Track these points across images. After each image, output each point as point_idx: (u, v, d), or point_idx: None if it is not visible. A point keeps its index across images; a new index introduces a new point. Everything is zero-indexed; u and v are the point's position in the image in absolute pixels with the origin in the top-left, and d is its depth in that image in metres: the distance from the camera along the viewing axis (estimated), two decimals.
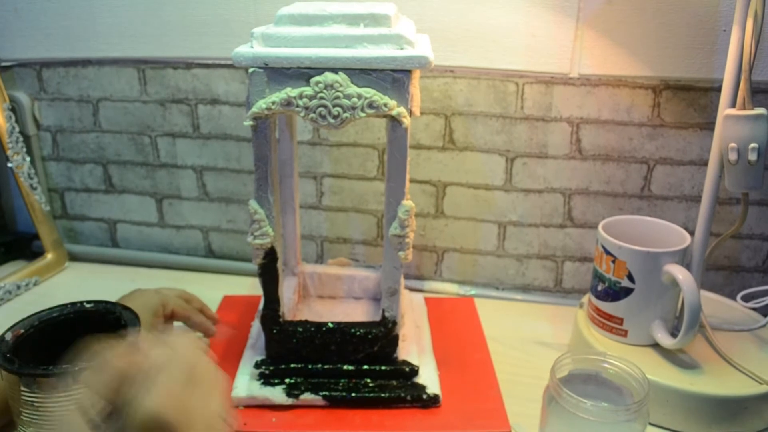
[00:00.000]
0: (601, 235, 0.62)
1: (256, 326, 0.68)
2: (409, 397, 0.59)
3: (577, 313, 0.69)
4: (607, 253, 0.61)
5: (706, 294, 0.67)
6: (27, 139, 0.86)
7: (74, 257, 0.91)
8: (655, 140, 0.73)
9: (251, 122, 0.52)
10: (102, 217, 0.91)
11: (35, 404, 0.47)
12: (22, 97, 0.85)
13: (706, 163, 0.64)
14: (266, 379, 0.60)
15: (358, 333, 0.59)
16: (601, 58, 0.70)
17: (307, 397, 0.59)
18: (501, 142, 0.76)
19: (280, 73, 0.51)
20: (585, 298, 0.69)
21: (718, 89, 0.59)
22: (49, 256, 0.87)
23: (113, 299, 0.57)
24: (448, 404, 0.60)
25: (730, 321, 0.65)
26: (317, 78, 0.50)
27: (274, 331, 0.60)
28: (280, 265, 0.58)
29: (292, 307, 0.66)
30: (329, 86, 0.50)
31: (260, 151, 0.54)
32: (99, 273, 0.88)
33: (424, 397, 0.59)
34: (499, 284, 0.83)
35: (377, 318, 0.60)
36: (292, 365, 0.60)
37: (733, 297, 0.66)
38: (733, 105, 0.55)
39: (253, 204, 0.55)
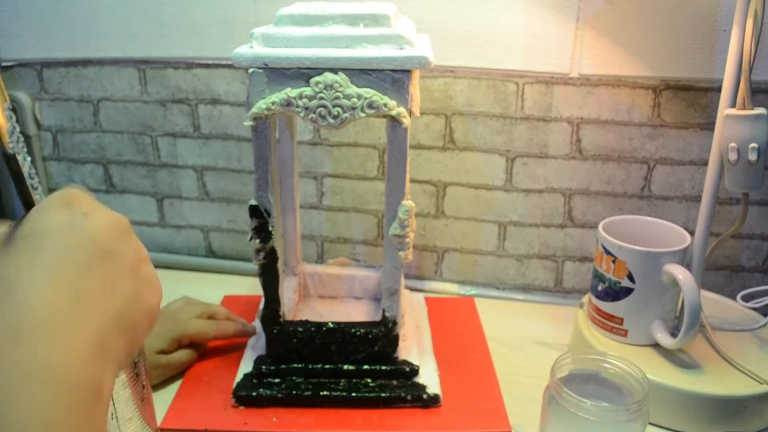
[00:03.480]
0: (601, 235, 0.62)
1: (256, 326, 0.68)
2: (409, 397, 0.59)
3: (577, 313, 0.69)
4: (608, 253, 0.61)
5: (706, 294, 0.67)
6: (28, 139, 0.86)
7: None
8: (655, 140, 0.73)
9: (251, 122, 0.52)
10: None
11: None
12: (22, 97, 0.85)
13: (706, 163, 0.64)
14: (267, 379, 0.60)
15: (358, 333, 0.59)
16: (601, 58, 0.70)
17: (307, 396, 0.59)
18: (501, 142, 0.76)
19: (279, 73, 0.51)
20: (585, 298, 0.69)
21: (718, 89, 0.59)
22: None
23: None
24: (449, 404, 0.60)
25: (730, 321, 0.65)
26: (317, 78, 0.50)
27: (275, 331, 0.60)
28: (280, 265, 0.58)
29: (293, 307, 0.67)
30: (329, 86, 0.50)
31: (260, 152, 0.54)
32: None
33: (425, 396, 0.59)
34: (499, 284, 0.83)
35: (378, 318, 0.60)
36: (292, 365, 0.60)
37: (733, 297, 0.66)
38: (733, 105, 0.55)
39: (254, 204, 0.55)
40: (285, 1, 0.57)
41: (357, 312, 0.69)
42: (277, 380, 0.60)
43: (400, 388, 0.60)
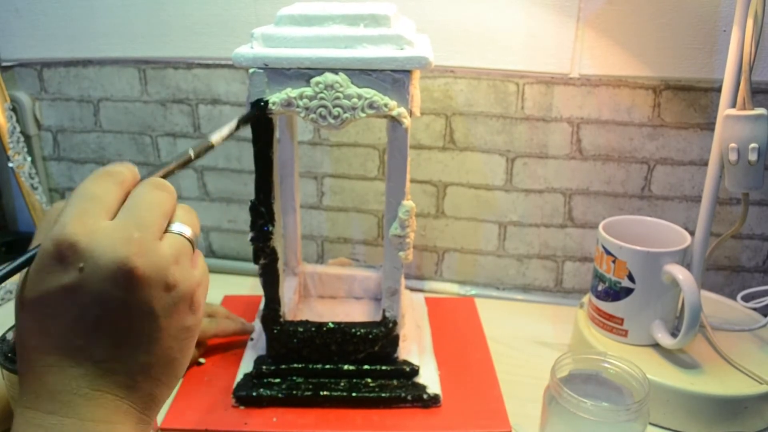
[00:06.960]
0: (601, 235, 0.62)
1: (256, 326, 0.68)
2: (409, 397, 0.59)
3: (577, 313, 0.69)
4: (608, 253, 0.61)
5: (706, 294, 0.67)
6: (28, 139, 0.86)
7: None
8: (655, 140, 0.73)
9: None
10: None
11: None
12: (23, 97, 0.85)
13: (706, 163, 0.64)
14: (267, 379, 0.60)
15: (358, 333, 0.59)
16: (602, 58, 0.70)
17: (307, 396, 0.59)
18: (501, 142, 0.76)
19: (280, 73, 0.51)
20: (585, 298, 0.69)
21: (719, 89, 0.59)
22: None
23: None
24: (449, 404, 0.60)
25: (730, 321, 0.65)
26: (317, 78, 0.50)
27: (275, 331, 0.60)
28: (280, 265, 0.58)
29: (293, 307, 0.67)
30: (329, 87, 0.50)
31: (261, 151, 0.54)
32: None
33: (425, 397, 0.59)
34: (499, 284, 0.83)
35: (378, 318, 0.60)
36: (292, 365, 0.60)
37: (733, 297, 0.66)
38: (734, 105, 0.55)
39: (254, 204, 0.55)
40: (285, 1, 0.57)
41: (357, 312, 0.69)
42: (277, 380, 0.60)
43: (400, 388, 0.60)
